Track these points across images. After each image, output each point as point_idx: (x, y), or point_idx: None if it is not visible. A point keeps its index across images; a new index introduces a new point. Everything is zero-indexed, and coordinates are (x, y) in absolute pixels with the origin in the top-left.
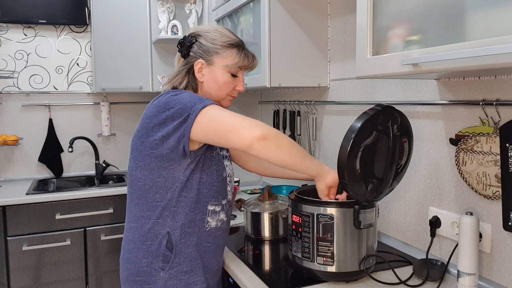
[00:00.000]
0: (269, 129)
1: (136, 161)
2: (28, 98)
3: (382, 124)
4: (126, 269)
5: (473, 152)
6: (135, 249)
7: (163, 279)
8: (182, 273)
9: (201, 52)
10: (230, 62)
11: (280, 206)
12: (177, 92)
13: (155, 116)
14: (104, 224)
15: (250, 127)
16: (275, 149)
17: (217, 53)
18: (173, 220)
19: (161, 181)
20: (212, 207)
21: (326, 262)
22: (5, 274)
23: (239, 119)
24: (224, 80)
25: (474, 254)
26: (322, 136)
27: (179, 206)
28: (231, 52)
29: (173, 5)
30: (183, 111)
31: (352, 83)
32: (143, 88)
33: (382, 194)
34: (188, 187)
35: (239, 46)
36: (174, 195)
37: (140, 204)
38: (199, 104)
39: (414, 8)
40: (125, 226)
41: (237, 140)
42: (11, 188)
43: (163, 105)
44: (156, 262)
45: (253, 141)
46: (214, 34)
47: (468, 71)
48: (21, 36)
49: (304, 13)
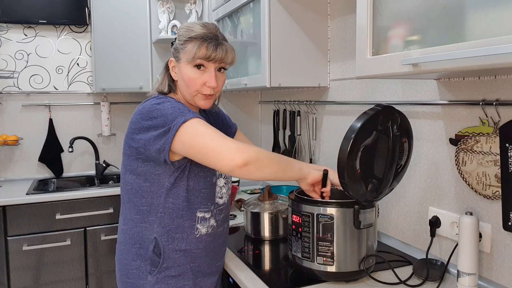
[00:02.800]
0: (249, 153)
1: (125, 165)
2: (28, 98)
3: (382, 124)
4: (119, 270)
5: (473, 152)
6: (125, 251)
7: (150, 282)
8: (170, 278)
9: (173, 50)
10: (190, 55)
11: (280, 206)
12: (160, 100)
13: (138, 123)
14: (104, 224)
15: (230, 154)
16: (256, 171)
17: (182, 49)
18: (160, 226)
19: (147, 185)
20: (202, 213)
21: (326, 262)
22: (5, 274)
23: (219, 143)
24: (189, 76)
25: (474, 254)
26: (322, 136)
27: (166, 212)
28: (192, 45)
29: (173, 5)
30: (164, 123)
31: (352, 83)
32: (143, 88)
33: (382, 194)
34: (175, 193)
35: (201, 38)
36: (160, 200)
37: (129, 207)
38: (180, 118)
39: (414, 8)
40: (118, 228)
41: (218, 165)
42: (11, 188)
43: (146, 113)
44: (145, 265)
45: (233, 169)
46: (182, 31)
47: (468, 71)
48: (21, 36)
49: (304, 13)
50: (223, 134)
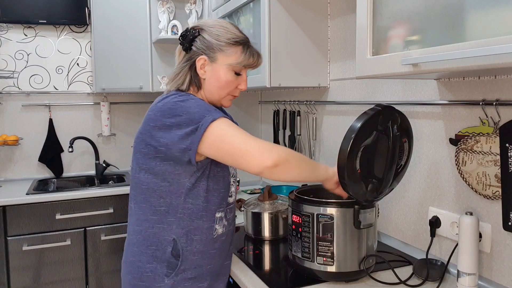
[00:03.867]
0: (279, 154)
1: (140, 163)
2: (28, 98)
3: (382, 124)
4: (129, 272)
5: (473, 152)
6: (139, 253)
7: (167, 285)
8: (186, 280)
9: (204, 47)
10: (234, 60)
11: (280, 206)
12: (184, 97)
13: (159, 120)
14: (104, 224)
15: (261, 155)
16: (285, 172)
17: (221, 50)
18: (178, 227)
19: (166, 185)
20: (220, 214)
21: (326, 262)
22: (5, 274)
23: (249, 144)
24: (227, 79)
25: (474, 254)
26: (322, 136)
27: (185, 213)
28: (235, 50)
29: (173, 5)
30: (190, 121)
31: (352, 83)
32: (143, 88)
33: (382, 194)
34: (195, 194)
35: (245, 44)
36: (180, 201)
37: (144, 208)
38: (208, 117)
39: (414, 8)
40: (128, 228)
41: (246, 166)
42: (11, 188)
43: (168, 111)
44: (161, 268)
45: (263, 170)
46: (219, 30)
47: (468, 71)
48: (21, 36)
49: (304, 13)
50: (250, 134)
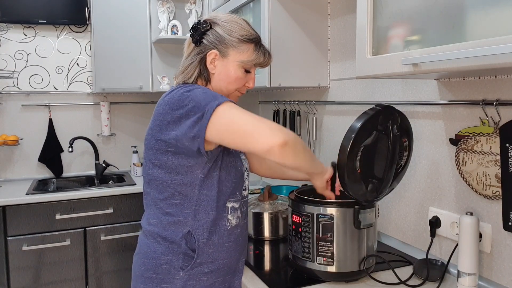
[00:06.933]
0: (288, 134)
1: (152, 160)
2: (28, 98)
3: (382, 124)
4: (143, 264)
5: (473, 152)
6: (155, 243)
7: (183, 279)
8: (203, 274)
9: (216, 42)
10: (246, 58)
11: (280, 206)
12: (190, 88)
13: (168, 114)
14: (104, 224)
15: (272, 132)
16: (292, 154)
17: (233, 46)
18: (194, 219)
19: (180, 178)
20: (231, 204)
21: (326, 262)
22: (5, 274)
23: (257, 122)
24: (237, 76)
25: (474, 254)
26: (322, 136)
27: (200, 205)
28: (248, 47)
29: (173, 5)
30: (197, 109)
31: (352, 83)
32: (143, 88)
33: (382, 194)
34: (208, 185)
35: (257, 42)
36: (194, 193)
37: (159, 202)
38: (213, 101)
39: (414, 8)
40: (143, 223)
41: (255, 145)
42: (11, 188)
43: (176, 103)
44: (176, 260)
45: (273, 147)
46: (233, 25)
47: (468, 71)
48: (21, 36)
49: (304, 13)
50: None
